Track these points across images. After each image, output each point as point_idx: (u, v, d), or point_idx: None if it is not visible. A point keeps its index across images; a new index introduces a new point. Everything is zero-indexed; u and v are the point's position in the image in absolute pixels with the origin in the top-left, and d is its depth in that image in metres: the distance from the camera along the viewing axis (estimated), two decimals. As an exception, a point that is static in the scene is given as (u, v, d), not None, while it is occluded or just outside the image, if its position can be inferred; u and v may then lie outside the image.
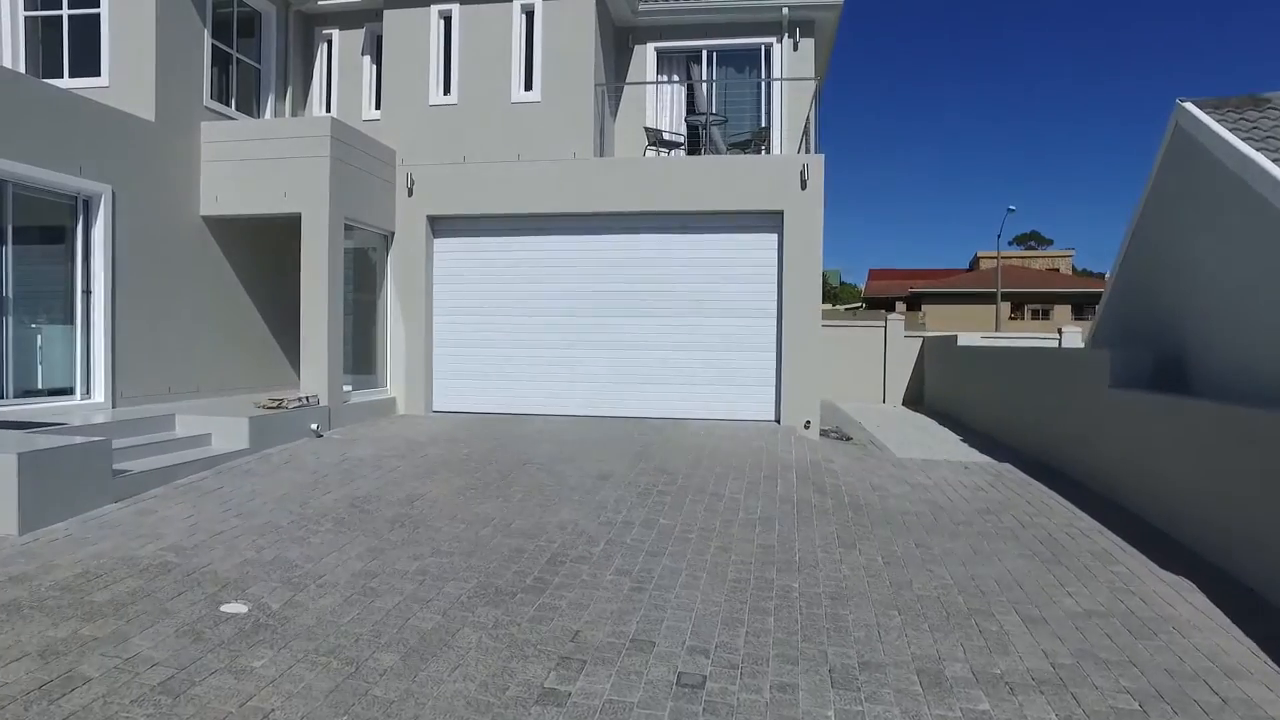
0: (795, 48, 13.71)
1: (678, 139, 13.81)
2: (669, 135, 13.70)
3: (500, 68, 12.88)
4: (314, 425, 10.49)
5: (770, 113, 13.89)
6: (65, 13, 10.86)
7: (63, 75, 10.77)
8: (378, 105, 13.93)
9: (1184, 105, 8.48)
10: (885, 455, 11.20)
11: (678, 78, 14.51)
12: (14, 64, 10.88)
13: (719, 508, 7.78)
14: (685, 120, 14.10)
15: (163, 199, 10.81)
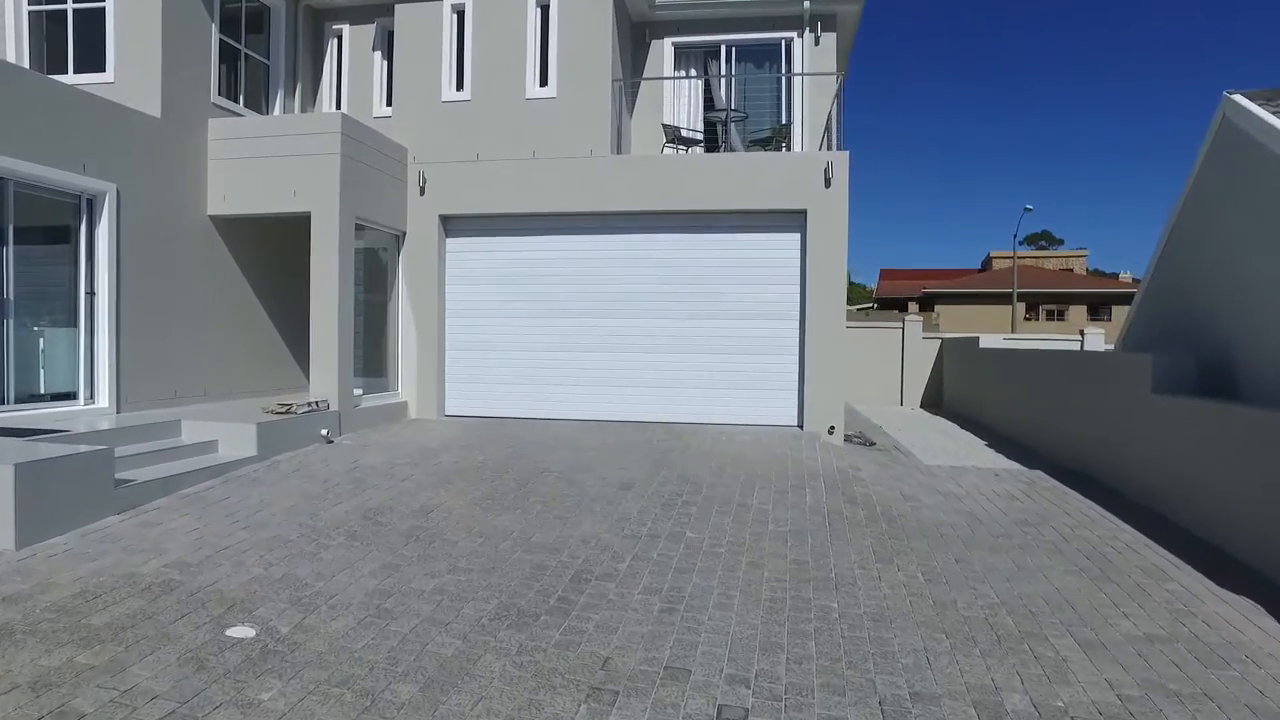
0: (816, 42, 13.35)
1: (696, 136, 13.47)
2: (687, 132, 13.37)
3: (515, 63, 12.56)
4: (324, 431, 10.19)
5: (791, 109, 13.53)
6: (70, 7, 10.59)
7: (67, 71, 10.50)
8: (389, 102, 13.62)
9: (1232, 97, 8.11)
10: (912, 462, 10.84)
11: (695, 73, 14.17)
12: (18, 59, 10.62)
13: (747, 519, 7.45)
14: (704, 117, 13.76)
15: (169, 198, 10.52)
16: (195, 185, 10.99)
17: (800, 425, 11.78)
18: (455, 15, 12.88)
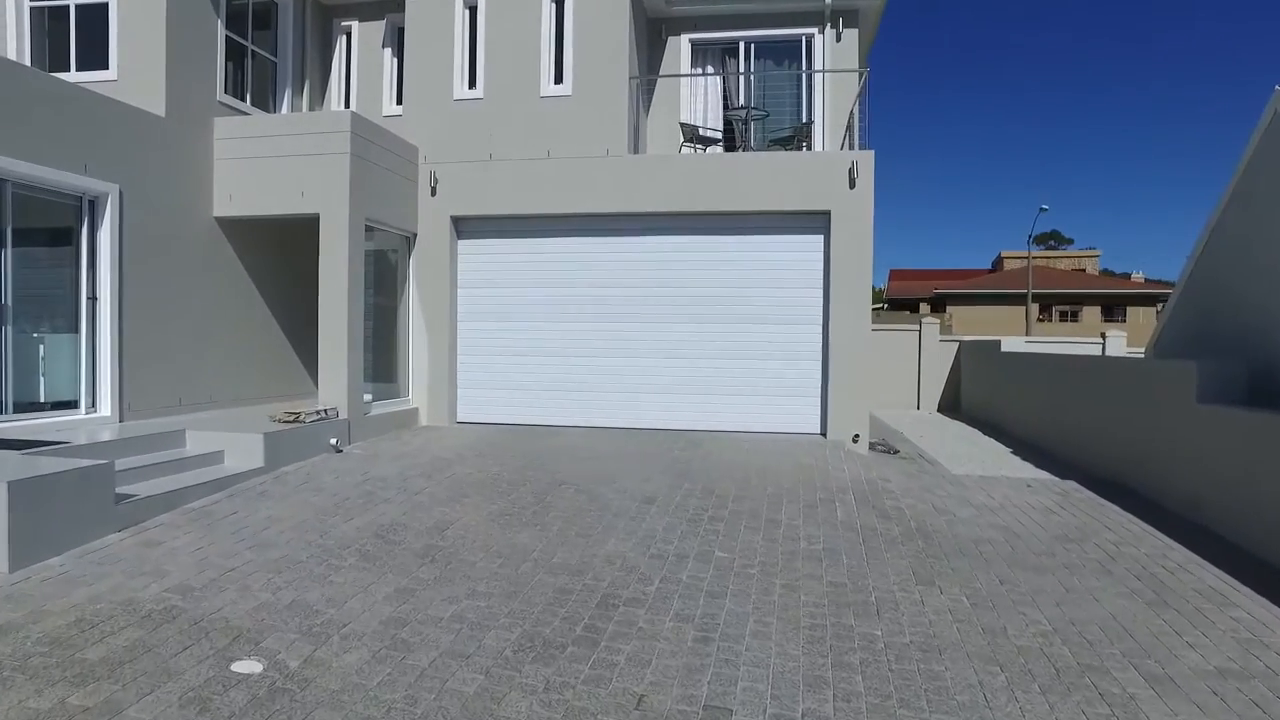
0: (838, 39, 12.98)
1: (714, 135, 13.12)
2: (705, 131, 13.01)
3: (529, 60, 12.21)
4: (333, 440, 9.86)
5: (811, 108, 13.16)
6: (72, 2, 10.28)
7: (69, 68, 10.19)
8: (399, 100, 13.30)
9: (1286, 93, 7.75)
10: (939, 471, 10.47)
11: (713, 71, 13.81)
12: (18, 56, 10.31)
13: (777, 536, 7.10)
14: (724, 115, 13.39)
15: (173, 199, 10.20)
16: (200, 186, 10.68)
17: (823, 433, 11.42)
18: (467, 11, 12.53)
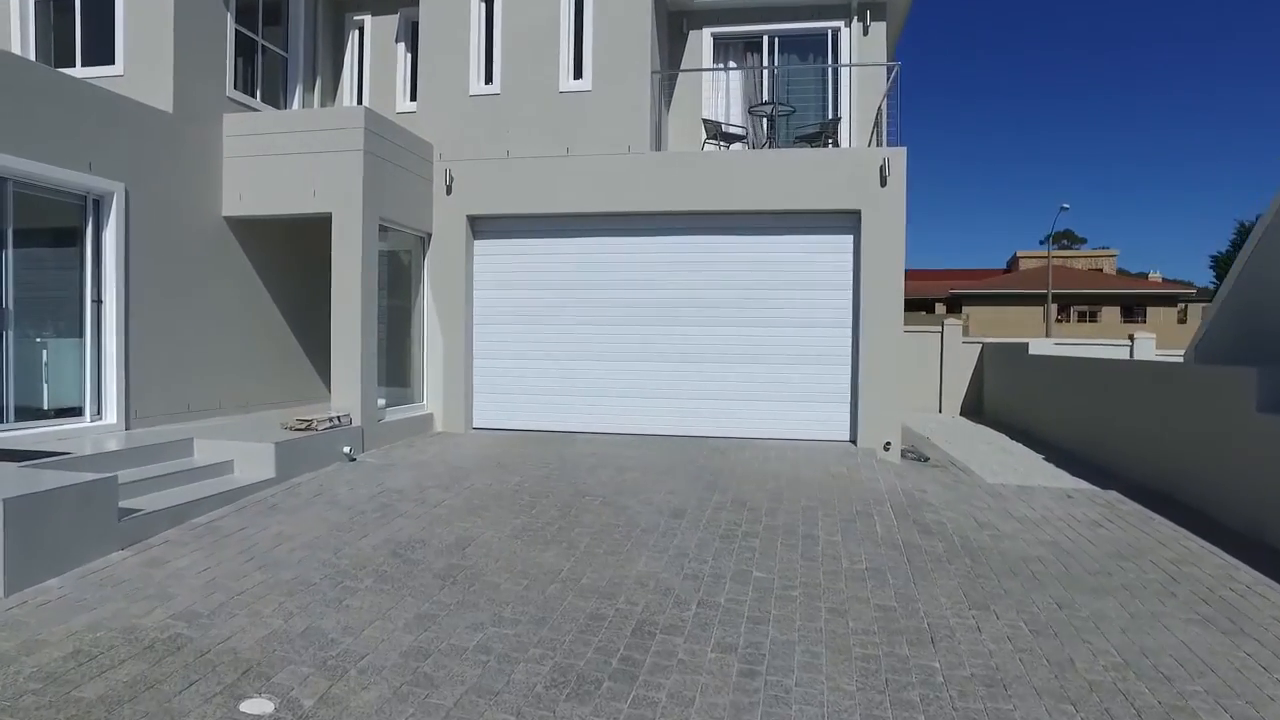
0: (865, 32, 12.56)
1: (738, 132, 12.71)
2: (729, 128, 12.61)
3: (547, 54, 11.81)
4: (346, 449, 9.50)
5: (838, 104, 12.74)
6: (77, -5, 9.96)
7: (74, 63, 9.87)
8: (413, 96, 12.93)
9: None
10: (974, 481, 10.05)
11: (735, 65, 13.41)
12: (22, 50, 9.98)
13: (816, 554, 6.70)
14: (749, 111, 12.97)
15: (181, 198, 9.86)
16: (209, 184, 10.33)
17: (853, 440, 11.01)
18: (483, 3, 12.14)
